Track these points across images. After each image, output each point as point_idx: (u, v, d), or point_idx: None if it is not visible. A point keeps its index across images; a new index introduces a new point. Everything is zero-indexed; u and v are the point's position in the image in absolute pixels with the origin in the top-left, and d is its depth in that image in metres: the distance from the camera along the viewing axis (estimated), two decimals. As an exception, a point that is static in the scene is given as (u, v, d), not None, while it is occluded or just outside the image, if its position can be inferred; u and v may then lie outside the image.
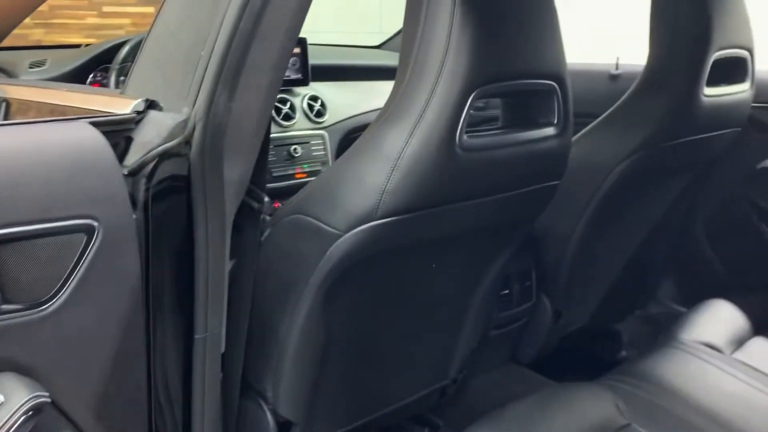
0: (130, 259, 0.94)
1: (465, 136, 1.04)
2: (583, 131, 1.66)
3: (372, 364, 1.37)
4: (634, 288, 2.12)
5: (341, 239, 1.06)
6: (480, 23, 1.00)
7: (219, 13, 0.95)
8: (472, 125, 1.08)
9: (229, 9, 0.94)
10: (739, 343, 1.63)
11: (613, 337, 2.14)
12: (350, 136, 1.87)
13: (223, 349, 1.10)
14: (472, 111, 1.03)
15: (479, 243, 1.32)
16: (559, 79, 1.15)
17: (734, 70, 1.63)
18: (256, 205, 1.12)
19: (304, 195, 1.15)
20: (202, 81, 0.95)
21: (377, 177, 1.03)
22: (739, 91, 1.65)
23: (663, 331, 1.71)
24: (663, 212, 1.89)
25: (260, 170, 1.10)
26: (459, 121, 1.02)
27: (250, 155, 1.05)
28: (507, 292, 1.70)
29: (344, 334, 1.25)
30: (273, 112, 1.73)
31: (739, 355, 1.58)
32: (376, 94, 1.95)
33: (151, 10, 4.47)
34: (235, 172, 1.03)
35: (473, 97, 1.02)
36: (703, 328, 1.65)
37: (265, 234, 1.19)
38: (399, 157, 1.02)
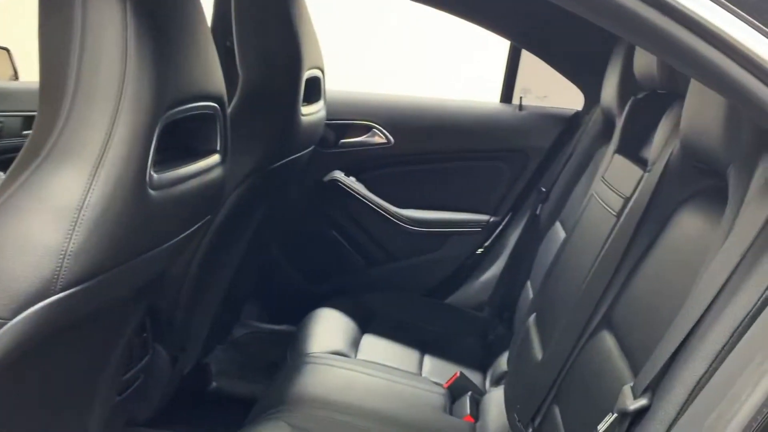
0: None
1: (154, 173, 0.87)
2: None
3: None
4: (227, 317, 2.08)
5: (2, 330, 0.78)
6: (156, 43, 0.85)
7: None
8: None
9: None
10: (356, 343, 1.74)
11: (203, 370, 2.07)
12: None
13: None
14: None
15: (140, 294, 1.12)
16: (222, 101, 1.04)
17: (312, 90, 1.71)
18: None
19: None
20: None
21: (51, 237, 0.78)
22: (318, 110, 1.75)
23: (289, 349, 1.72)
24: (251, 237, 1.89)
25: None
26: (149, 156, 0.84)
27: None
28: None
29: None
30: None
31: (362, 355, 1.70)
32: None
33: None
34: None
35: (160, 125, 0.85)
36: (324, 338, 1.72)
37: None
38: (81, 208, 0.79)
